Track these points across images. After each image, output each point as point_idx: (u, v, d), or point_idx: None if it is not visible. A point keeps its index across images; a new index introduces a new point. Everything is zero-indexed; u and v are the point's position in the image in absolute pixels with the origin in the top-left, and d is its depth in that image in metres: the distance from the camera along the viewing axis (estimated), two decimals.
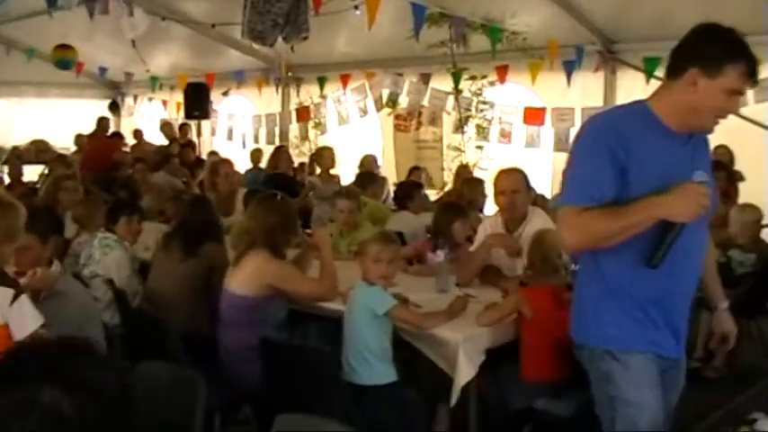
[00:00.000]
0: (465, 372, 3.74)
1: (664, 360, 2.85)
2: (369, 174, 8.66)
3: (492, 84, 10.54)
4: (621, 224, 2.59)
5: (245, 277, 4.27)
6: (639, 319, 2.79)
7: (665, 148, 2.68)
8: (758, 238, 6.57)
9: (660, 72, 8.31)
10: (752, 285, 6.14)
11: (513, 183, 5.07)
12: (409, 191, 7.18)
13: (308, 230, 5.26)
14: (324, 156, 9.47)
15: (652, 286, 2.75)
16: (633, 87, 9.26)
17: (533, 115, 10.31)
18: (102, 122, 14.06)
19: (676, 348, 2.91)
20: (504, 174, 5.28)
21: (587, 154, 2.78)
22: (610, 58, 9.59)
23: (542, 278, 4.13)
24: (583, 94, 9.93)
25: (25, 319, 3.12)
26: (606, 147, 2.68)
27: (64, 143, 14.44)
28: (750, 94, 8.27)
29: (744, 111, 8.04)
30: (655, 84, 8.29)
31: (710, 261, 3.19)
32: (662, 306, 2.80)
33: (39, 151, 14.12)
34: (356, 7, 7.91)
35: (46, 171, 11.41)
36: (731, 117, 2.90)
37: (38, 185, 10.44)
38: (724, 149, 7.75)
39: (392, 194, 8.39)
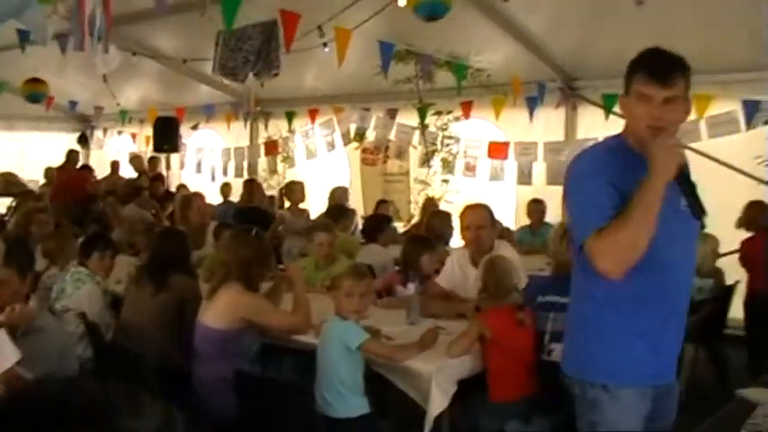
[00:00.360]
0: (438, 402, 3.75)
1: (658, 388, 2.84)
2: (339, 207, 8.68)
3: (457, 119, 10.61)
4: (634, 221, 2.54)
5: (219, 310, 4.26)
6: (639, 350, 2.77)
7: (643, 173, 2.66)
8: (715, 265, 6.70)
9: (618, 108, 8.48)
10: (710, 311, 6.25)
11: (478, 218, 5.15)
12: (379, 224, 7.20)
13: (281, 265, 5.26)
14: (294, 190, 9.49)
15: (656, 311, 2.75)
16: (593, 123, 9.41)
17: (497, 149, 10.41)
18: (72, 155, 13.94)
19: (672, 371, 2.91)
20: (469, 209, 5.34)
21: (583, 184, 2.78)
22: (570, 94, 9.73)
23: (496, 300, 4.20)
24: (545, 129, 10.07)
25: (3, 354, 3.08)
26: (601, 173, 2.69)
27: (33, 176, 14.29)
28: (703, 129, 8.47)
29: (698, 145, 8.24)
30: (613, 119, 8.50)
31: None
32: (664, 331, 2.80)
33: (7, 183, 13.94)
34: (325, 45, 7.95)
35: (14, 204, 11.30)
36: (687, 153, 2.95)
37: (6, 218, 10.32)
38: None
39: (360, 227, 8.41)
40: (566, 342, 3.08)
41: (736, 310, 6.87)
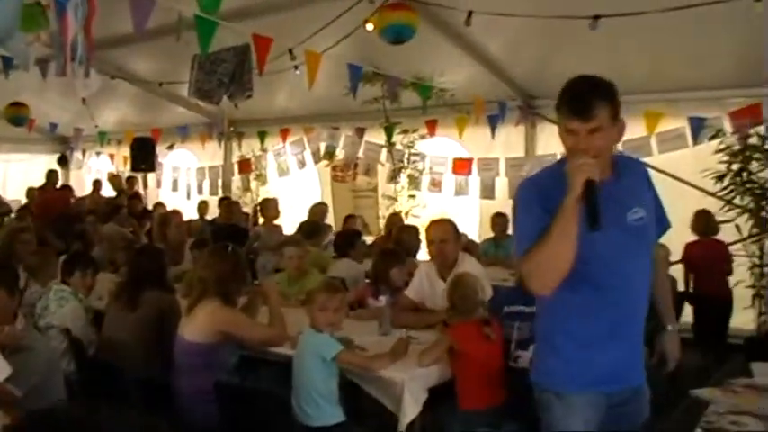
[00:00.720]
0: (410, 410, 3.76)
1: (613, 394, 2.84)
2: (312, 223, 8.67)
3: (422, 137, 10.68)
4: (552, 237, 2.58)
5: (199, 324, 4.24)
6: (586, 360, 2.79)
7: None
8: (668, 273, 6.80)
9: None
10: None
11: (442, 233, 5.17)
12: (350, 239, 7.20)
13: (256, 281, 5.24)
14: (269, 207, 9.47)
15: (603, 323, 2.77)
16: (552, 139, 9.48)
17: (461, 165, 10.49)
18: (51, 176, 13.93)
19: (632, 376, 2.90)
20: (433, 224, 5.38)
21: (520, 213, 2.83)
22: (529, 112, 9.82)
23: (463, 315, 4.24)
24: (506, 145, 10.15)
25: None
26: (536, 203, 2.73)
27: (15, 196, 14.14)
28: (654, 144, 8.60)
29: (649, 160, 8.37)
30: None
31: (660, 280, 3.16)
32: (612, 340, 2.80)
33: None
34: (296, 67, 7.96)
35: None
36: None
37: None
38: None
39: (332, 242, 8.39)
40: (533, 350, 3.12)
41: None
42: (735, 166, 7.63)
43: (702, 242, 7.31)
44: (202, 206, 11.96)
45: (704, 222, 7.33)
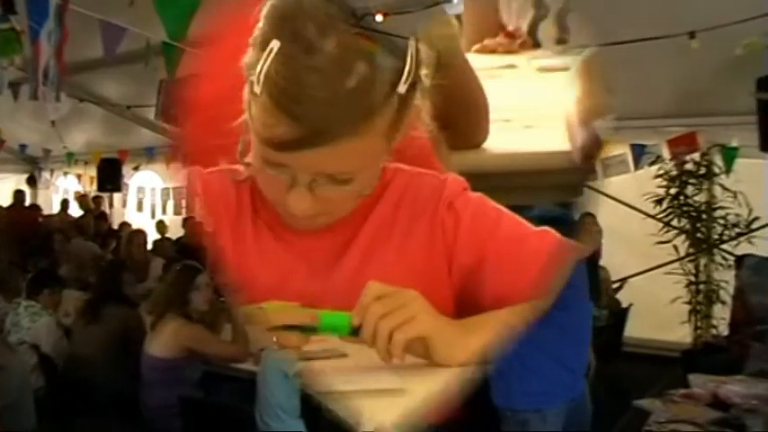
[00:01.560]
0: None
1: (572, 399, 2.84)
2: None
3: None
4: None
5: (163, 341, 4.23)
6: (564, 377, 2.78)
7: None
8: (610, 295, 6.91)
9: None
10: (606, 338, 6.41)
11: None
12: None
13: (222, 298, 5.20)
14: None
15: (574, 341, 2.78)
16: None
17: None
18: (18, 195, 13.70)
19: (583, 383, 2.94)
20: None
21: None
22: None
23: None
24: None
25: None
26: None
27: None
28: (599, 170, 8.73)
29: (595, 184, 8.49)
30: None
31: None
32: (579, 355, 2.84)
33: None
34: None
35: None
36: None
37: None
38: (591, 218, 8.10)
39: None
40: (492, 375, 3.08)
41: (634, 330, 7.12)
42: (672, 191, 7.81)
43: None
44: (160, 225, 11.86)
45: None
